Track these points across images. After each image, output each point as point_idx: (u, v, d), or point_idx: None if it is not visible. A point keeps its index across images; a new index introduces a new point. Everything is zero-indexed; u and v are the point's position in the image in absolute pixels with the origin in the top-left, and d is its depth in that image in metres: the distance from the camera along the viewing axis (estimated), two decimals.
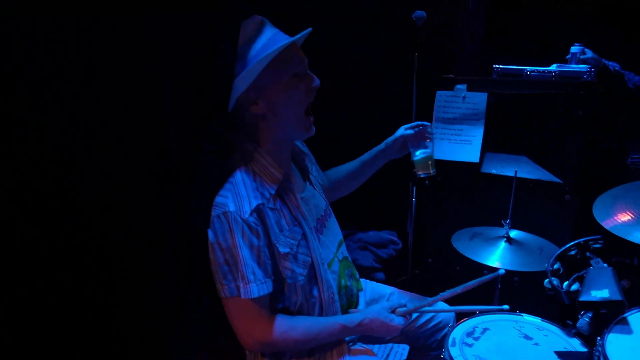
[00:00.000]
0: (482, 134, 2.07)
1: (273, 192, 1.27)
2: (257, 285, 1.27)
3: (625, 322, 1.26)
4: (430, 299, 1.39)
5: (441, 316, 1.55)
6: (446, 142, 2.09)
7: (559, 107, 2.10)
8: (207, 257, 1.78)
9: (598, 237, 1.39)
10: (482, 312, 1.40)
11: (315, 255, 1.30)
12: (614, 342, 1.21)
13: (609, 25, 2.54)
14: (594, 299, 1.23)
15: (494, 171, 1.96)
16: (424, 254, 1.63)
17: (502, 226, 1.66)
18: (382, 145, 1.53)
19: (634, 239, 1.23)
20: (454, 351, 1.34)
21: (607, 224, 1.31)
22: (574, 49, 2.28)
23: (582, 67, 2.20)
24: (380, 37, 1.39)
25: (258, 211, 1.28)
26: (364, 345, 1.45)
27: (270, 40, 1.23)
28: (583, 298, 1.27)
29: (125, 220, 2.03)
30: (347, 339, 1.36)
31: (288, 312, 1.30)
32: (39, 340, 1.95)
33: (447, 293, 1.41)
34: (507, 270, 1.54)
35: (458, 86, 2.14)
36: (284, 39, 1.24)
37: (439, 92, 2.12)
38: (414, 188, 1.92)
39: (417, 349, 1.52)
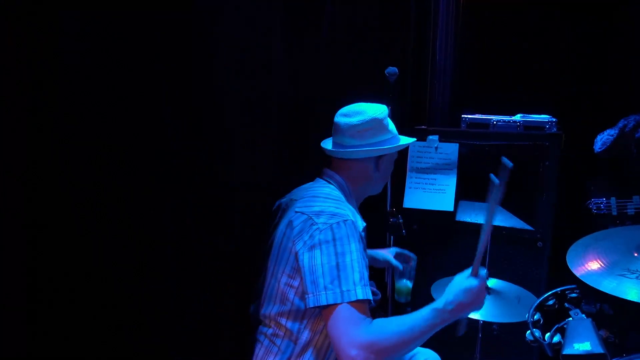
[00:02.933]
0: (455, 183, 2.11)
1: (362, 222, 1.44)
2: (363, 288, 1.24)
3: None
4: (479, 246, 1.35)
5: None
6: (420, 191, 2.16)
7: (527, 157, 2.19)
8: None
9: (573, 286, 1.41)
10: None
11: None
12: None
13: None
14: (577, 352, 1.25)
15: (468, 219, 2.00)
16: (404, 304, 1.73)
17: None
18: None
19: (604, 288, 1.24)
20: None
21: (578, 272, 1.32)
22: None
23: (544, 117, 2.32)
24: (357, 91, 1.51)
25: (364, 231, 1.40)
26: None
27: (395, 130, 1.56)
28: (566, 352, 1.26)
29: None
30: None
31: None
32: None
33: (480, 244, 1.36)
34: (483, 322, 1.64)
35: (430, 137, 2.22)
36: (407, 138, 1.59)
37: (411, 144, 2.09)
38: (392, 238, 1.94)
39: None
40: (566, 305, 1.38)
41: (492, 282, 1.71)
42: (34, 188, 1.88)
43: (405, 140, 1.57)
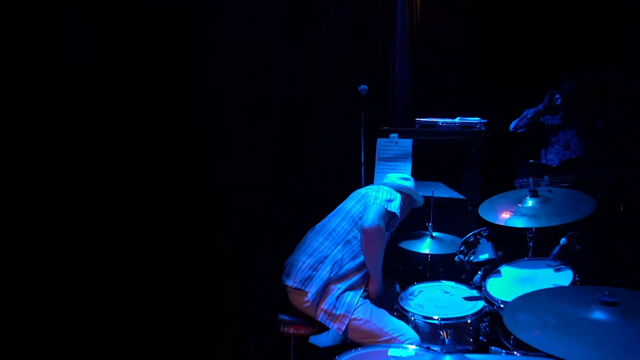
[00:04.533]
0: (410, 167, 2.93)
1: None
2: (396, 210, 2.28)
3: (498, 272, 2.17)
4: None
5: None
6: (385, 174, 2.75)
7: (460, 147, 3.10)
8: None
9: (484, 228, 2.25)
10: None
11: None
12: (492, 284, 2.10)
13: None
14: (478, 260, 2.16)
15: (421, 193, 2.62)
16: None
17: (427, 229, 2.56)
18: None
19: (511, 224, 2.13)
20: (403, 303, 2.15)
21: (496, 221, 2.17)
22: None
23: (476, 119, 3.15)
24: (338, 103, 2.38)
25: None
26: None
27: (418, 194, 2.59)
28: (473, 259, 2.18)
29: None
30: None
31: None
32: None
33: None
34: (431, 255, 2.56)
35: (392, 135, 2.98)
36: (421, 199, 2.62)
37: (379, 140, 2.97)
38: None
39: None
40: (479, 239, 2.25)
41: (435, 233, 2.57)
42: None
43: (419, 199, 2.57)
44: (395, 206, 2.28)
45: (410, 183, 2.54)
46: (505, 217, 2.12)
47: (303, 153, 2.60)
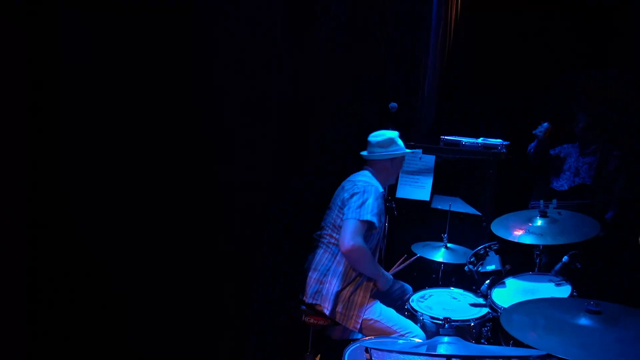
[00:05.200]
0: (431, 182, 3.07)
1: (382, 192, 2.47)
2: (371, 217, 2.24)
3: (503, 283, 2.32)
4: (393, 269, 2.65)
5: (402, 287, 2.57)
6: (408, 187, 3.08)
7: (481, 167, 3.28)
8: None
9: (494, 242, 2.46)
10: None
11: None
12: (497, 293, 2.26)
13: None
14: (486, 270, 2.37)
15: (439, 206, 2.96)
16: (394, 259, 2.64)
17: (442, 240, 2.73)
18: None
19: (521, 240, 2.30)
20: (413, 304, 2.31)
21: (509, 237, 2.34)
22: (542, 126, 3.36)
23: (499, 141, 3.30)
24: (369, 119, 2.60)
25: (382, 193, 2.45)
26: None
27: (403, 145, 2.57)
28: (481, 270, 2.38)
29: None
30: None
31: None
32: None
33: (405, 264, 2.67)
34: (444, 263, 2.69)
35: (416, 150, 3.14)
36: (406, 150, 2.61)
37: None
38: (387, 217, 2.77)
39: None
40: (489, 252, 2.45)
41: (450, 245, 2.77)
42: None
43: (407, 150, 2.60)
44: (368, 209, 2.24)
45: (388, 150, 2.48)
46: (517, 234, 2.29)
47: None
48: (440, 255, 2.72)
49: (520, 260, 2.51)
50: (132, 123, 2.07)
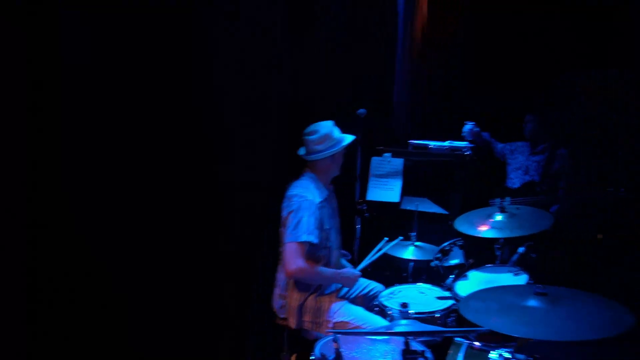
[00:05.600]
0: (400, 184, 3.13)
1: (326, 196, 2.39)
2: (307, 236, 2.20)
3: (466, 276, 2.46)
4: (364, 262, 2.51)
5: (374, 287, 2.58)
6: (379, 189, 3.14)
7: (447, 169, 3.44)
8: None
9: (459, 239, 2.59)
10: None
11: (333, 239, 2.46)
12: (460, 286, 2.38)
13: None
14: (449, 264, 2.53)
15: (408, 207, 3.00)
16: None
17: (411, 238, 2.86)
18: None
19: (482, 235, 2.43)
20: (383, 300, 2.38)
21: (472, 233, 2.46)
22: (466, 127, 3.57)
23: (464, 143, 3.47)
24: (340, 125, 2.45)
25: (321, 202, 2.33)
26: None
27: (341, 136, 2.43)
28: (445, 264, 2.53)
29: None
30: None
31: (316, 261, 2.31)
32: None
33: (370, 258, 2.51)
34: (414, 261, 2.84)
35: (385, 154, 3.22)
36: (348, 136, 2.45)
37: (373, 158, 3.20)
38: (359, 219, 2.97)
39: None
40: (453, 247, 2.59)
41: (418, 243, 2.89)
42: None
43: (347, 140, 2.43)
44: (304, 229, 2.18)
45: (325, 146, 2.34)
46: (479, 230, 2.44)
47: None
48: (409, 253, 2.81)
49: (483, 254, 2.62)
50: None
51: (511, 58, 4.06)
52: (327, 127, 2.38)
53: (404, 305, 1.91)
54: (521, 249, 2.65)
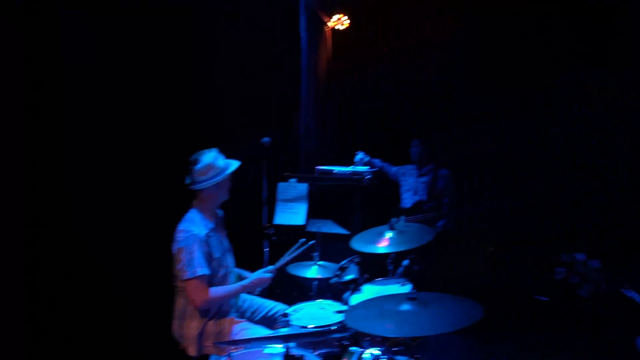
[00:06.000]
0: (306, 207, 3.29)
1: (213, 226, 2.36)
2: (201, 269, 2.18)
3: (361, 290, 2.57)
4: (279, 262, 2.47)
5: (278, 309, 2.58)
6: (285, 213, 3.24)
7: (346, 191, 3.80)
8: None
9: (356, 256, 2.65)
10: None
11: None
12: (355, 299, 2.46)
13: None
14: (345, 280, 2.58)
15: (314, 229, 3.15)
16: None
17: (313, 258, 3.01)
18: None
19: (376, 251, 2.51)
20: (287, 318, 2.33)
21: (374, 249, 2.53)
22: (357, 157, 3.80)
23: (366, 168, 3.64)
24: (246, 153, 2.48)
25: (208, 234, 2.32)
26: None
27: (226, 163, 2.37)
28: (341, 280, 2.59)
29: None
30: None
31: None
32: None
33: (281, 262, 2.47)
34: (318, 279, 2.96)
35: (291, 180, 3.32)
36: (234, 163, 2.40)
37: (279, 184, 3.28)
38: (267, 242, 3.03)
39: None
40: (350, 264, 2.66)
41: (320, 262, 3.01)
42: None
43: (231, 167, 2.42)
44: (196, 263, 2.20)
45: (208, 177, 2.34)
46: (373, 247, 2.63)
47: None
48: (312, 272, 2.97)
49: (377, 269, 2.87)
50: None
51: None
52: (210, 156, 2.36)
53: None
54: (405, 262, 2.92)
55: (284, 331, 2.12)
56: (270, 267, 2.46)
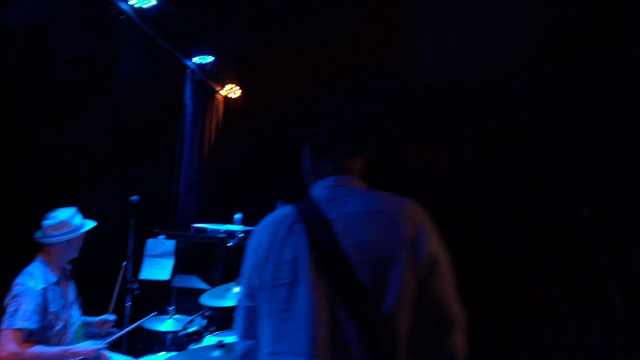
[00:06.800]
0: (172, 263, 3.49)
1: (55, 280, 2.41)
2: (22, 322, 2.20)
3: (202, 340, 2.79)
4: (115, 335, 2.60)
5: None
6: (151, 268, 3.44)
7: (214, 248, 3.83)
8: None
9: (206, 310, 2.88)
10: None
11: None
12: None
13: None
14: (189, 332, 2.79)
15: (179, 285, 3.24)
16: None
17: (168, 312, 3.08)
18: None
19: (221, 304, 2.68)
20: None
21: (214, 304, 2.67)
22: (235, 217, 4.09)
23: (240, 227, 3.96)
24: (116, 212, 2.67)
25: (46, 287, 2.37)
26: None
27: (82, 222, 2.48)
28: (186, 332, 2.82)
29: None
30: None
31: (46, 342, 2.34)
32: None
33: (121, 333, 2.65)
34: (172, 332, 3.08)
35: (160, 236, 3.57)
36: (89, 223, 2.50)
37: (148, 240, 3.52)
38: (130, 296, 3.14)
39: None
40: (199, 318, 2.97)
41: (176, 316, 3.10)
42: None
43: (86, 227, 2.51)
44: (20, 315, 2.21)
45: (61, 232, 2.42)
46: (222, 301, 2.73)
47: None
48: (167, 325, 3.07)
49: (225, 321, 3.06)
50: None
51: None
52: (66, 214, 2.44)
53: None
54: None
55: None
56: (104, 341, 2.50)
